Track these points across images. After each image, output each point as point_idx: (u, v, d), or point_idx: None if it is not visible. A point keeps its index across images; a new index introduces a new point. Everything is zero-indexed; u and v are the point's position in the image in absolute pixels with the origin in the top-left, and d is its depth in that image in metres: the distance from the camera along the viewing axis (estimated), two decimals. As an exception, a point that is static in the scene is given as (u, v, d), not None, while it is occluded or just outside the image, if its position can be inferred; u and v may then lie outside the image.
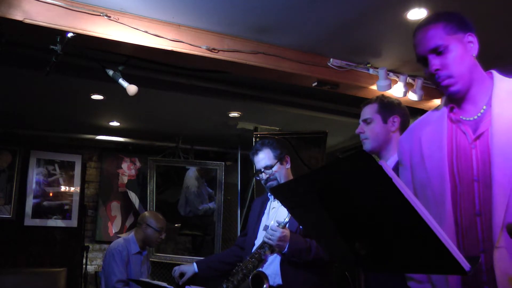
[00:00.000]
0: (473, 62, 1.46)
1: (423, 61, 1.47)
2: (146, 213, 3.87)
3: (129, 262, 3.51)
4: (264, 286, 2.22)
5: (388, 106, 2.06)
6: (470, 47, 1.45)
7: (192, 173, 5.67)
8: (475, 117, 1.45)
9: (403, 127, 2.04)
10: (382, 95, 2.17)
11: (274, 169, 2.47)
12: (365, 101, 2.15)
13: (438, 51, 1.42)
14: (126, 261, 3.47)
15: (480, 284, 1.35)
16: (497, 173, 1.33)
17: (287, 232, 2.25)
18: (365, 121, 2.08)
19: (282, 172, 2.49)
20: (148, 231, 3.60)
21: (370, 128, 2.04)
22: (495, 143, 1.35)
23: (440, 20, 1.45)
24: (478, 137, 1.41)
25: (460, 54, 1.42)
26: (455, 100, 1.48)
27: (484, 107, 1.44)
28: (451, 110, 1.49)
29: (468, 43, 1.45)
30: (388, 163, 1.99)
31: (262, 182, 2.54)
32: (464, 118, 1.46)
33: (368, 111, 2.09)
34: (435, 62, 1.43)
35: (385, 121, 2.04)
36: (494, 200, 1.32)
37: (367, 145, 2.05)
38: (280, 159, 2.50)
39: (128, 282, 3.40)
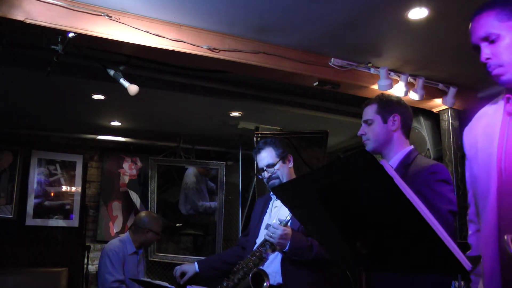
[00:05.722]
0: None
1: (476, 50, 1.41)
2: (145, 217, 3.75)
3: (126, 263, 3.52)
4: (265, 284, 2.19)
5: (387, 106, 2.07)
6: None
7: (191, 170, 5.68)
8: None
9: (404, 125, 2.06)
10: (382, 94, 2.16)
11: (276, 167, 2.47)
12: (366, 102, 2.16)
13: (490, 40, 1.37)
14: (122, 262, 3.48)
15: None
16: None
17: (288, 230, 2.24)
18: (365, 122, 2.09)
19: (284, 171, 2.49)
20: (150, 235, 3.63)
21: (371, 129, 2.06)
22: None
23: (494, 6, 1.38)
24: None
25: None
26: (510, 90, 1.40)
27: None
28: (507, 101, 1.41)
29: None
30: (391, 162, 2.00)
31: (265, 180, 2.53)
32: None
33: (368, 112, 2.10)
34: (486, 51, 1.37)
35: (385, 121, 2.05)
36: None
37: (369, 146, 2.07)
38: (282, 157, 2.49)
39: (124, 282, 3.41)
